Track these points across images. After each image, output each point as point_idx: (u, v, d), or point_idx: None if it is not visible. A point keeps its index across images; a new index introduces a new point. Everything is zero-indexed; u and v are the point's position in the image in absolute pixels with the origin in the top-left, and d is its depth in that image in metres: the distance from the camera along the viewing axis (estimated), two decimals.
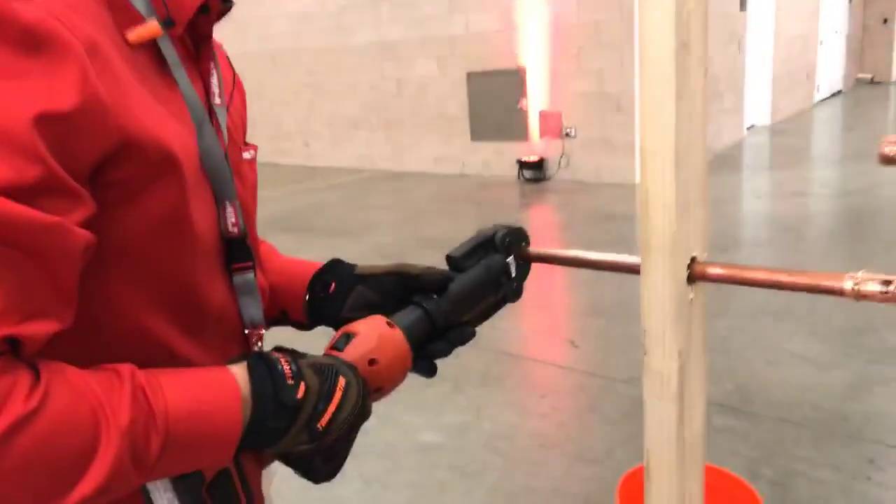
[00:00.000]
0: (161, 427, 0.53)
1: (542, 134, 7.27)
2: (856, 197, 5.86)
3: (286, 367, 0.63)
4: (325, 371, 0.65)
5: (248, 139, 0.85)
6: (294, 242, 5.52)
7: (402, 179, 8.09)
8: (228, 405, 0.58)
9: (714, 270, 0.79)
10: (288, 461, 0.68)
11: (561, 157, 7.20)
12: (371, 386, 0.71)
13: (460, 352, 0.86)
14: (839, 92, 13.21)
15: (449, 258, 0.85)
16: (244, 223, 0.74)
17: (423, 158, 8.39)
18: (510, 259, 0.88)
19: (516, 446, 2.57)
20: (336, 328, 0.82)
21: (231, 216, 0.72)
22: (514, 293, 0.90)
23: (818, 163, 7.85)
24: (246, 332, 0.75)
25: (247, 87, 0.87)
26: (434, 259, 0.92)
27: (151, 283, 0.63)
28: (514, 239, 0.90)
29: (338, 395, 0.64)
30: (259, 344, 0.76)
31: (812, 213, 5.70)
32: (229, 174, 0.71)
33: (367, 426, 0.72)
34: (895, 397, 2.68)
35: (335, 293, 0.85)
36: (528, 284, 0.92)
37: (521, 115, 7.37)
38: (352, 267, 0.87)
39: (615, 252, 0.90)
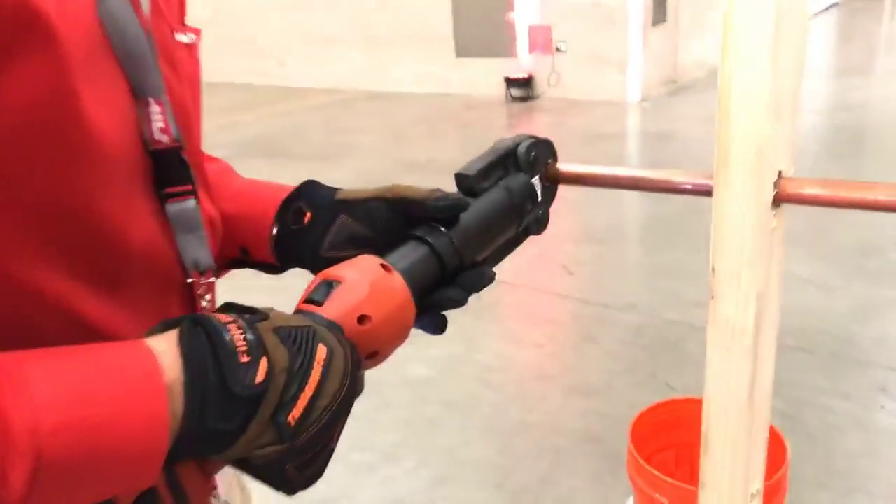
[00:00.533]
0: (25, 447, 0.33)
1: (532, 49, 6.92)
2: (854, 112, 5.67)
3: (238, 336, 0.42)
4: (298, 337, 0.45)
5: (216, 59, 0.60)
6: (269, 168, 5.25)
7: (383, 99, 7.74)
8: (145, 402, 0.38)
9: (810, 190, 0.59)
10: (247, 469, 0.46)
11: (550, 74, 6.88)
12: (362, 352, 0.51)
13: None
14: (836, 4, 12.80)
15: (459, 178, 0.64)
16: (179, 130, 0.53)
17: (405, 77, 8.01)
18: (535, 179, 0.68)
19: (510, 379, 2.44)
20: (314, 271, 0.62)
21: (158, 118, 0.50)
22: (539, 223, 0.70)
23: (815, 77, 7.61)
24: (189, 280, 0.55)
25: (216, 1, 0.62)
26: (415, 182, 0.71)
27: (33, 217, 0.43)
28: (541, 154, 0.69)
29: (316, 372, 0.44)
30: (208, 297, 0.56)
31: (810, 130, 5.51)
32: (152, 57, 0.50)
33: None
34: None
35: (311, 225, 0.64)
36: None
37: (509, 30, 6.99)
38: (332, 191, 0.65)
39: None
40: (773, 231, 0.63)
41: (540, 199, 0.69)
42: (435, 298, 0.59)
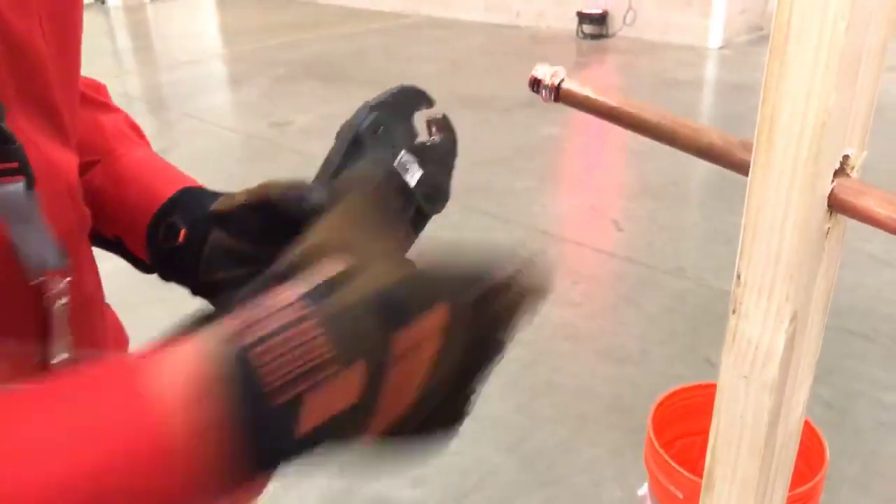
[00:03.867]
0: None
1: None
2: None
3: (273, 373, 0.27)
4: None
5: None
6: (325, 91, 5.13)
7: (449, 27, 7.45)
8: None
9: (868, 202, 0.44)
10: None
11: (627, 11, 6.46)
12: None
13: (491, 225, 0.53)
14: None
15: (323, 171, 0.51)
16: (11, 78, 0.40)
17: (473, 5, 7.67)
18: (403, 154, 0.52)
19: (541, 337, 2.32)
20: (197, 294, 0.51)
21: None
22: (431, 199, 0.54)
23: None
24: (36, 282, 0.42)
25: None
26: (473, 119, 0.58)
27: None
28: (392, 119, 0.53)
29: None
30: (64, 301, 0.43)
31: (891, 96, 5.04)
32: None
33: None
34: None
35: (187, 243, 0.52)
36: (570, 156, 0.60)
37: None
38: (211, 199, 0.52)
39: None
40: (829, 235, 0.48)
41: (417, 173, 0.53)
42: None
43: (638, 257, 2.79)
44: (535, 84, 0.61)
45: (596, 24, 6.57)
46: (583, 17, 6.61)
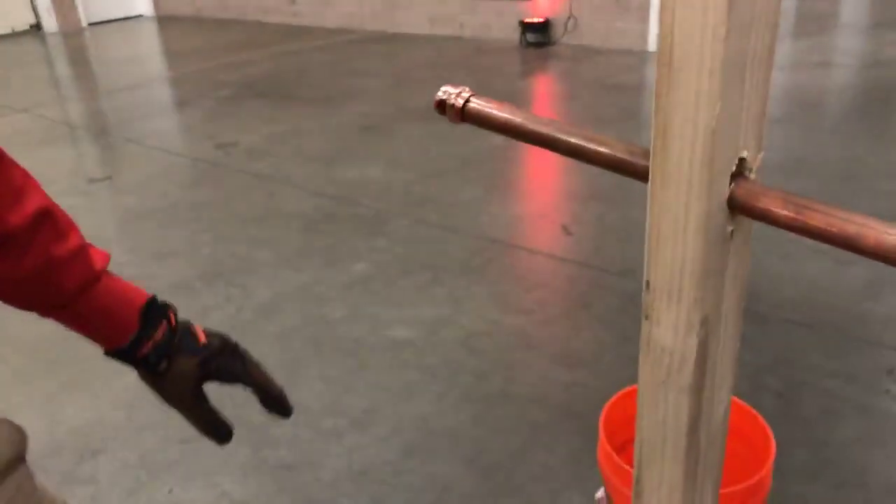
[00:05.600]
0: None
1: None
2: (887, 69, 5.35)
3: None
4: None
5: None
6: (269, 111, 5.08)
7: (394, 42, 7.47)
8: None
9: (767, 203, 0.44)
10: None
11: (568, 18, 6.56)
12: None
13: (441, 237, 0.57)
14: None
15: None
16: None
17: (417, 18, 7.71)
18: None
19: (495, 346, 2.33)
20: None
21: None
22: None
23: (847, 30, 7.21)
24: None
25: None
26: (420, 131, 0.62)
27: None
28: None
29: None
30: None
31: (836, 86, 5.22)
32: None
33: (333, 320, 0.40)
34: None
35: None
36: (517, 164, 0.62)
37: None
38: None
39: (623, 131, 0.56)
40: (732, 237, 0.48)
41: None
42: None
43: (588, 261, 2.82)
44: (441, 106, 0.61)
45: (539, 33, 6.66)
46: (526, 27, 6.69)
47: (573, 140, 0.53)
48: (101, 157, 4.59)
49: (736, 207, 0.46)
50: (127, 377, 0.91)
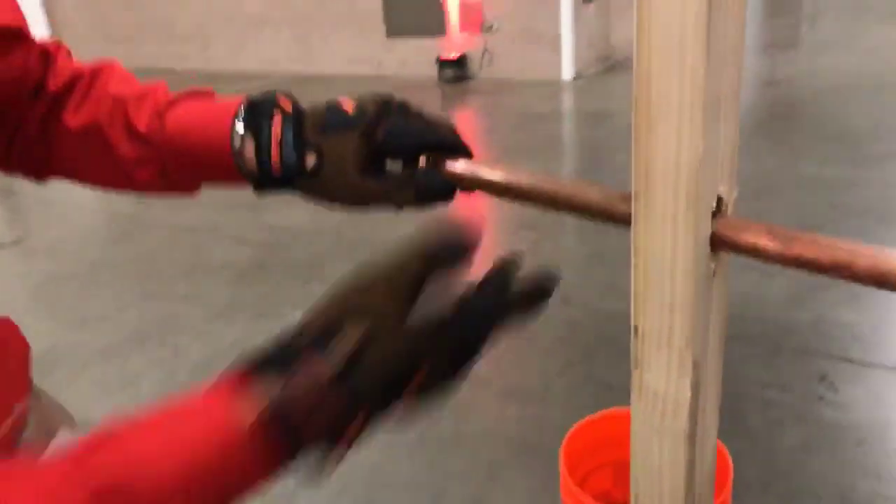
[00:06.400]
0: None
1: (463, 28, 6.73)
2: (783, 87, 5.70)
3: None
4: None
5: (135, 44, 0.47)
6: None
7: (313, 83, 7.44)
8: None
9: (753, 238, 0.44)
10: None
11: (483, 53, 6.71)
12: None
13: None
14: None
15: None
16: None
17: (335, 59, 7.72)
18: None
19: None
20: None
21: None
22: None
23: (745, 52, 7.65)
24: None
25: None
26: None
27: None
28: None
29: None
30: None
31: (741, 105, 5.50)
32: None
33: None
34: (839, 302, 2.51)
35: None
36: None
37: (440, 8, 6.78)
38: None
39: (547, 160, 0.55)
40: (714, 275, 0.47)
41: None
42: None
43: None
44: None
45: (456, 68, 6.77)
46: (443, 63, 6.80)
47: (546, 187, 0.51)
48: (10, 220, 4.34)
49: (718, 245, 0.45)
50: None
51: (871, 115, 4.58)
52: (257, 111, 0.57)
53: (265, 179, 0.58)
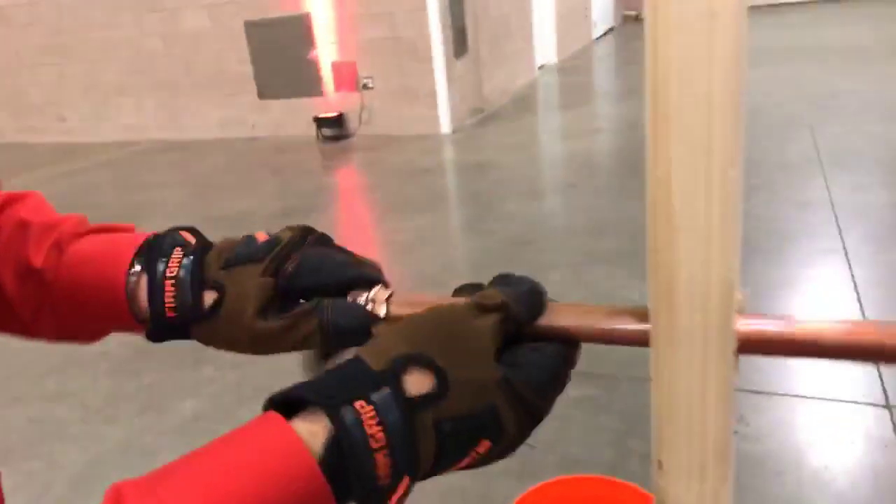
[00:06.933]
0: None
1: (338, 87, 6.71)
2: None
3: (381, 457, 0.36)
4: (465, 433, 0.38)
5: None
6: None
7: (184, 149, 7.13)
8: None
9: (772, 331, 0.39)
10: None
11: (361, 110, 6.70)
12: None
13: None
14: (612, 28, 13.96)
15: None
16: None
17: (205, 123, 7.46)
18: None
19: None
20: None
21: None
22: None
23: (606, 98, 8.12)
24: None
25: None
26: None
27: None
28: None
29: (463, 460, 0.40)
30: None
31: (612, 149, 5.79)
32: None
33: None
34: None
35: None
36: (353, 246, 0.54)
37: (313, 68, 6.74)
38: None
39: (437, 213, 0.49)
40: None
41: None
42: None
43: None
44: None
45: (334, 127, 6.72)
46: (320, 122, 6.73)
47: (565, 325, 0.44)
48: None
49: (741, 350, 0.39)
50: None
51: None
52: (155, 248, 0.52)
53: (159, 324, 0.51)
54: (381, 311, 0.47)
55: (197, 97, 7.40)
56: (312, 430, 0.35)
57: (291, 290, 0.50)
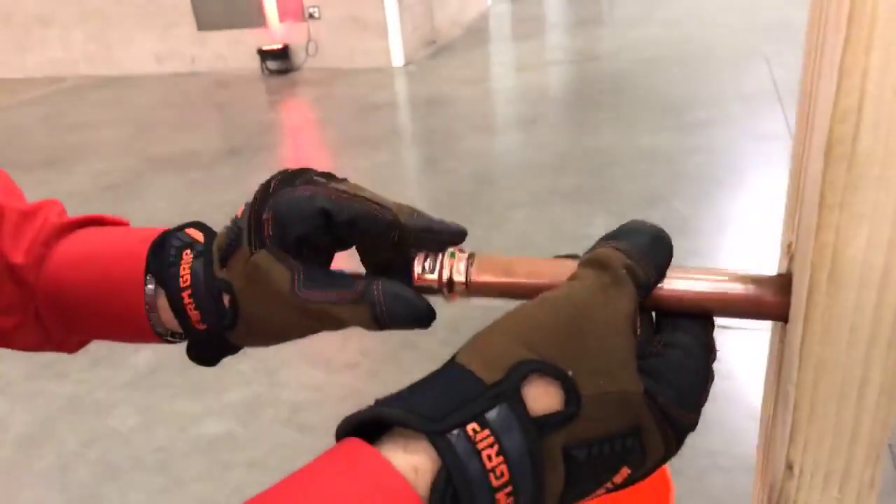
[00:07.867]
0: None
1: (282, 17, 6.36)
2: (604, 61, 5.95)
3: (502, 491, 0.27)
4: (601, 460, 0.29)
5: None
6: None
7: (118, 85, 6.71)
8: None
9: None
10: None
11: (308, 42, 6.39)
12: None
13: None
14: None
15: None
16: None
17: (140, 57, 7.01)
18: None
19: (327, 416, 2.08)
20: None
21: None
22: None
23: (559, 29, 7.94)
24: None
25: None
26: (176, 182, 0.40)
27: None
28: None
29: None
30: None
31: (568, 81, 5.68)
32: None
33: (124, 431, 0.17)
34: None
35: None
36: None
37: None
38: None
39: (391, 151, 0.41)
40: None
41: None
42: None
43: None
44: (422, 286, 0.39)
45: (279, 60, 6.40)
46: (264, 54, 6.39)
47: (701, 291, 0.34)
48: None
49: None
50: None
51: (684, 83, 4.88)
52: (163, 255, 0.43)
53: (195, 341, 0.44)
54: (458, 278, 0.37)
55: (129, 28, 6.92)
56: (414, 465, 0.27)
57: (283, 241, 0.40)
